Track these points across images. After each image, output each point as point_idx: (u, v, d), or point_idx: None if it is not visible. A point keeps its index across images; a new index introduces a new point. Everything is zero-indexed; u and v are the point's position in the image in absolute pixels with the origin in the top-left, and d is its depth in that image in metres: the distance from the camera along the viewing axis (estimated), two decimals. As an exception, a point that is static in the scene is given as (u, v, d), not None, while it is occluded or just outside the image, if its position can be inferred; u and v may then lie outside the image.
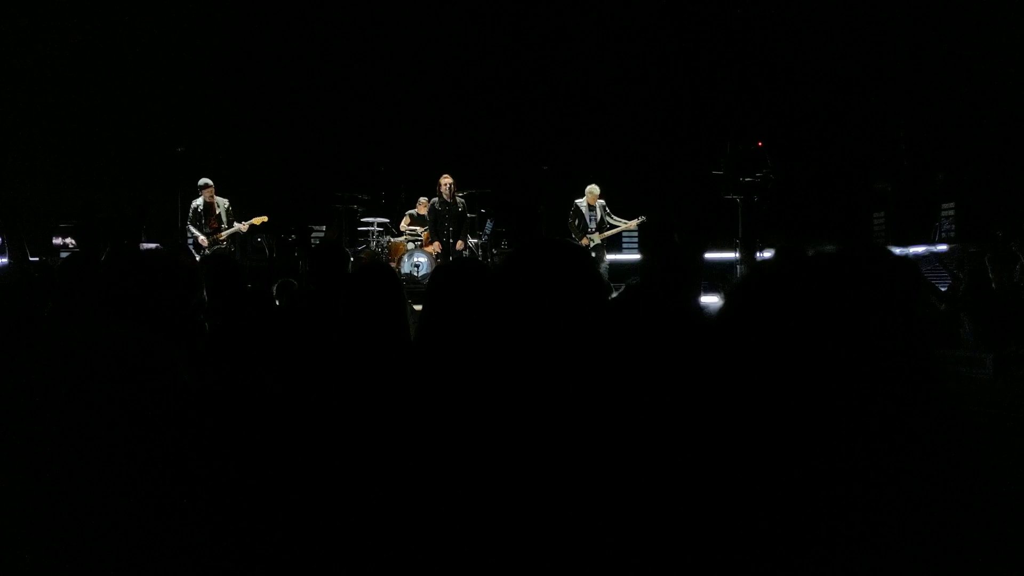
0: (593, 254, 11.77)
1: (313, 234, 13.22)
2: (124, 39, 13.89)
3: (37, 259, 8.78)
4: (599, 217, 12.07)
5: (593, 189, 12.08)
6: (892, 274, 2.54)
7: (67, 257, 7.98)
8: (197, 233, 11.38)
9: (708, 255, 11.47)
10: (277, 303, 4.23)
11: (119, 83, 13.84)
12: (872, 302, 1.37)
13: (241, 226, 11.51)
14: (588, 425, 1.60)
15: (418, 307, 2.17)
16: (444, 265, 2.22)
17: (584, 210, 12.05)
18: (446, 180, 11.54)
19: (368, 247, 12.64)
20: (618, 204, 12.42)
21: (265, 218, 11.75)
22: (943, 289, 9.18)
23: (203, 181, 11.50)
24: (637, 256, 15.11)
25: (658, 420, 1.57)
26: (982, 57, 12.86)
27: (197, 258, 10.26)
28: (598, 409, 1.62)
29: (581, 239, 11.89)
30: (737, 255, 11.38)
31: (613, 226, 12.15)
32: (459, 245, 11.54)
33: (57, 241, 12.17)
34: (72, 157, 13.69)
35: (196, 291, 2.18)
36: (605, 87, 15.04)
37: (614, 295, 2.25)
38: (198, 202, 11.50)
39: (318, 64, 15.10)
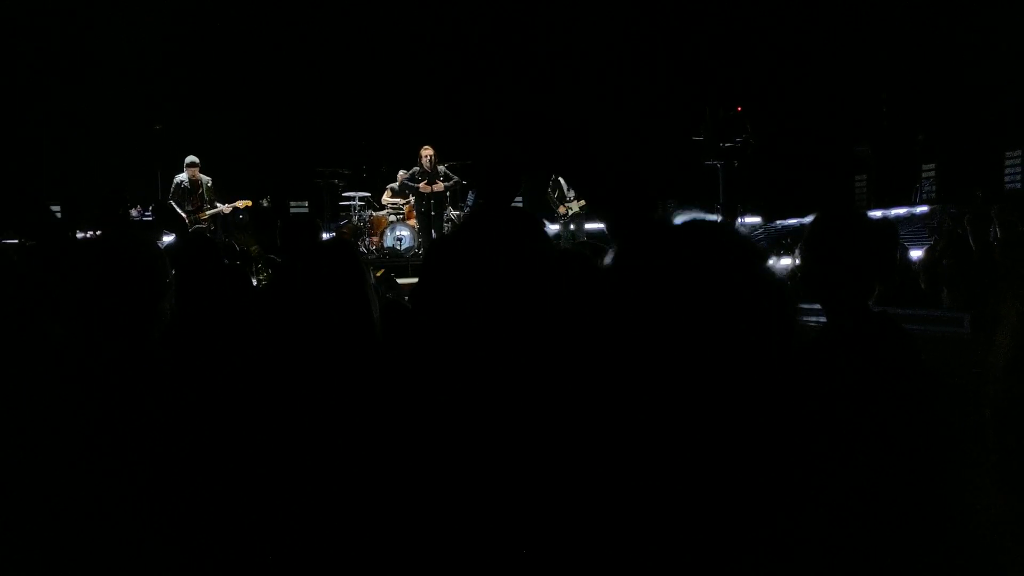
0: (572, 226, 11.76)
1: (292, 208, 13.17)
2: (102, 16, 13.70)
3: (15, 241, 8.65)
4: (578, 186, 11.99)
5: None
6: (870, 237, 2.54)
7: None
8: (178, 211, 11.25)
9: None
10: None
11: (96, 60, 13.67)
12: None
13: (223, 208, 11.38)
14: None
15: (403, 280, 2.13)
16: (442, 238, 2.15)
17: (561, 180, 11.97)
18: (427, 152, 11.54)
19: (350, 221, 12.59)
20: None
21: (249, 202, 11.65)
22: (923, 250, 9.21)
23: (190, 159, 11.29)
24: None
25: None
26: (959, 18, 12.84)
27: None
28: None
29: (559, 208, 11.87)
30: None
31: (594, 197, 12.05)
32: (438, 186, 11.49)
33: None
34: (50, 136, 13.54)
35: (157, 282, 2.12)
36: (584, 55, 14.95)
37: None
38: (182, 178, 11.30)
39: (297, 39, 14.95)
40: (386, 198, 12.75)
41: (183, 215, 11.20)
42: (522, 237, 1.83)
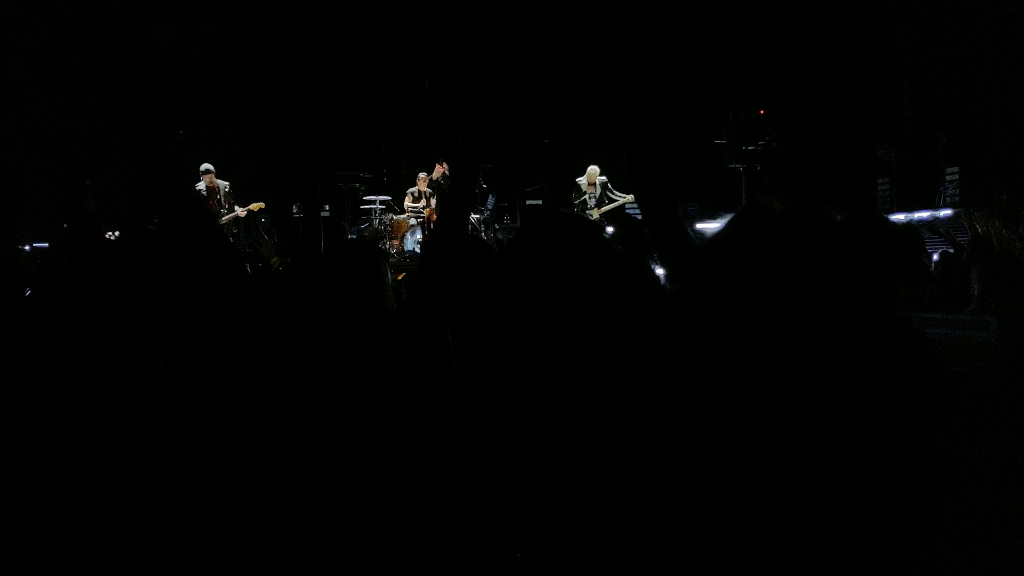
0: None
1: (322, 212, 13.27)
2: (124, 19, 13.77)
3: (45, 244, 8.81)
4: (598, 194, 12.14)
5: (592, 170, 12.19)
6: (895, 240, 2.53)
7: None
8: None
9: (713, 225, 11.43)
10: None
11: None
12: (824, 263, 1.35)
13: (239, 211, 11.85)
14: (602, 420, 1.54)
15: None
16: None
17: (583, 187, 12.17)
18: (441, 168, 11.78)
19: (371, 225, 12.64)
20: (621, 176, 12.41)
21: (262, 204, 12.12)
22: (950, 251, 9.15)
23: (205, 166, 11.83)
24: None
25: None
26: (981, 20, 12.73)
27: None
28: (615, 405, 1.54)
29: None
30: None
31: (612, 200, 12.16)
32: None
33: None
34: (71, 142, 13.65)
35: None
36: (605, 57, 14.93)
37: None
38: (200, 186, 11.79)
39: (316, 42, 15.01)
40: (407, 203, 12.80)
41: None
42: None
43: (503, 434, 1.59)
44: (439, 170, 11.84)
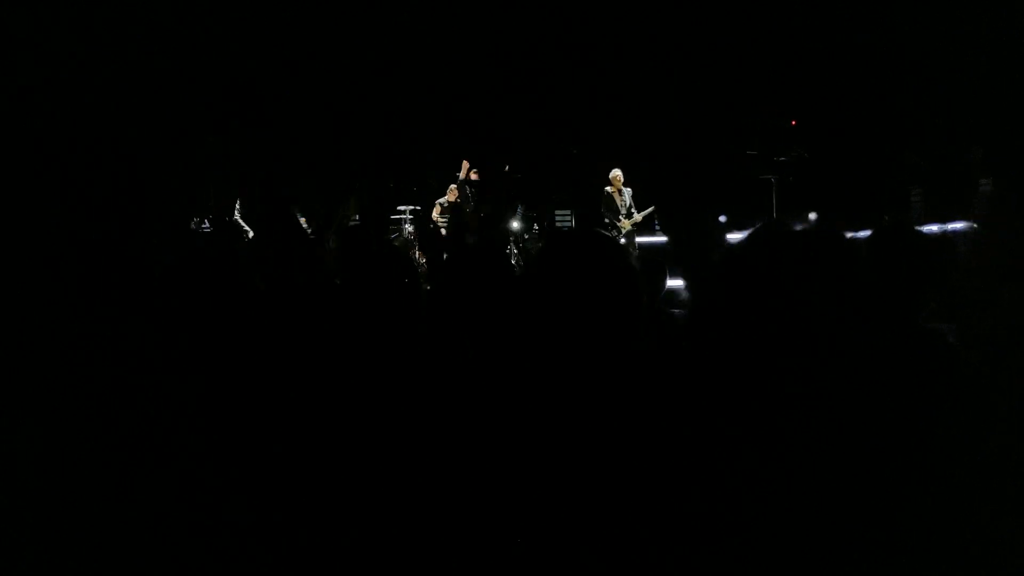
0: (623, 240, 11.68)
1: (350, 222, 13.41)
2: (150, 32, 13.96)
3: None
4: (628, 202, 11.90)
5: (616, 174, 11.87)
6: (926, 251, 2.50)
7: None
8: (244, 225, 11.71)
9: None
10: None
11: (142, 76, 13.91)
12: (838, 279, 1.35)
13: None
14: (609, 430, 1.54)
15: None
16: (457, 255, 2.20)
17: (615, 197, 11.94)
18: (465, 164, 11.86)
19: (400, 235, 12.71)
20: (648, 186, 12.35)
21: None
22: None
23: None
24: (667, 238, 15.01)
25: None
26: (1015, 27, 12.57)
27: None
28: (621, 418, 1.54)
29: (616, 223, 11.85)
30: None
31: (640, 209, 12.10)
32: None
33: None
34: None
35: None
36: (635, 67, 14.91)
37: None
38: None
39: (345, 52, 15.10)
40: (435, 214, 12.83)
41: (248, 229, 11.59)
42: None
43: (507, 436, 1.60)
44: (465, 167, 11.83)
